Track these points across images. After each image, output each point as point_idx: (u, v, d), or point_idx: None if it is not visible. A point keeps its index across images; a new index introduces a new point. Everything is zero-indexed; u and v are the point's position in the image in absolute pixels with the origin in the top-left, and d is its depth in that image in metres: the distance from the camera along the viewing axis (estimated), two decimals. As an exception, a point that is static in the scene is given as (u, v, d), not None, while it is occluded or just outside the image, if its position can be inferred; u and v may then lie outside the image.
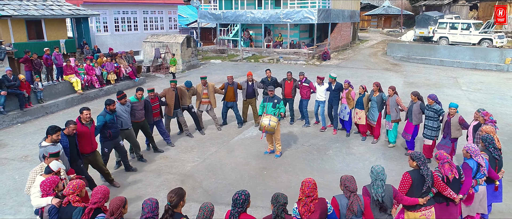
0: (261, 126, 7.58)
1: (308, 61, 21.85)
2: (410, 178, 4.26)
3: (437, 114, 7.24)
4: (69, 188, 3.94)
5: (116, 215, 3.45)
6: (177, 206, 3.54)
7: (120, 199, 3.54)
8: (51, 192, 4.12)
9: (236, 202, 3.52)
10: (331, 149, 8.48)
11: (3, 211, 6.02)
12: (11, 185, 6.90)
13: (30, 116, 11.07)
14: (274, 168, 7.52)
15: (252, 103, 9.95)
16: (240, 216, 3.52)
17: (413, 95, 7.65)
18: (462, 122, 6.81)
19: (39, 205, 4.14)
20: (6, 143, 9.11)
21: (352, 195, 3.82)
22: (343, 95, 8.99)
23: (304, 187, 3.74)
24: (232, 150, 8.52)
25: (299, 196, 3.80)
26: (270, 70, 10.02)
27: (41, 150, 5.12)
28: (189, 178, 7.16)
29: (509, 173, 7.19)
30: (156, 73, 18.31)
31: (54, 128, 5.24)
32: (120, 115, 7.09)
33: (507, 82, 15.86)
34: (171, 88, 8.67)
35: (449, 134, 6.97)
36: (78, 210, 3.79)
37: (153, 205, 3.47)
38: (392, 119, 8.12)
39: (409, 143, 7.99)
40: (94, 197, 3.71)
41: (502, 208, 5.94)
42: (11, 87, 10.54)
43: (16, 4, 17.39)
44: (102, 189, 3.79)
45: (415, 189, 4.26)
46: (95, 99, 13.34)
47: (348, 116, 8.99)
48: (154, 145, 8.33)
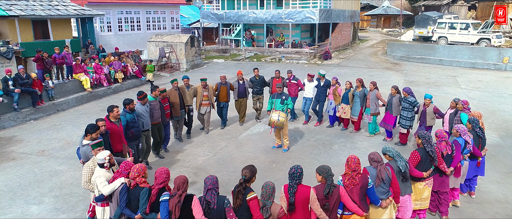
0: (270, 121, 7.92)
1: (309, 61, 22.19)
2: (418, 155, 4.98)
3: (411, 105, 8.07)
4: (134, 171, 4.15)
5: (182, 189, 3.89)
6: (249, 181, 4.05)
7: (183, 177, 3.99)
8: (125, 173, 4.33)
9: (293, 175, 4.02)
10: (336, 144, 8.82)
11: (27, 201, 6.34)
12: (32, 178, 7.22)
13: (42, 113, 11.38)
14: (283, 162, 7.85)
15: (243, 102, 9.98)
16: (298, 186, 4.04)
17: (394, 89, 8.41)
18: (437, 111, 7.63)
19: (114, 188, 4.26)
20: (22, 139, 9.42)
21: (379, 165, 4.47)
22: (330, 91, 9.59)
23: (350, 163, 4.30)
24: (241, 145, 8.85)
25: (345, 170, 4.39)
26: (258, 69, 10.32)
27: (84, 149, 5.18)
28: (201, 170, 7.49)
29: (508, 166, 7.57)
30: (161, 72, 18.62)
31: (94, 126, 5.32)
32: (141, 115, 6.98)
33: (505, 80, 16.24)
34: (174, 88, 8.52)
35: (424, 122, 7.73)
36: (144, 190, 4.09)
37: (214, 179, 3.97)
38: (371, 112, 8.88)
39: (388, 132, 8.88)
40: (159, 178, 4.04)
41: (499, 196, 6.30)
42: (24, 85, 10.85)
43: (23, 4, 17.67)
44: (165, 170, 4.11)
45: (422, 164, 4.99)
46: (103, 97, 13.65)
47: (332, 111, 9.65)
48: (158, 150, 8.16)
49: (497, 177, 7.02)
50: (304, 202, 4.01)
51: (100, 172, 4.54)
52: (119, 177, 4.33)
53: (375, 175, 4.43)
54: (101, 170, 4.57)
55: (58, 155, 8.38)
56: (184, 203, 3.86)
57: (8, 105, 10.58)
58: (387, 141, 8.94)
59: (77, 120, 11.04)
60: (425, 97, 7.77)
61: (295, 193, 3.98)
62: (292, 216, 4.03)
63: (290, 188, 4.01)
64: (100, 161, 4.57)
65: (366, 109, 8.99)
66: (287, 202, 4.01)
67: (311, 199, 4.00)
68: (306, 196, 4.00)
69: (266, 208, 3.90)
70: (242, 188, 3.98)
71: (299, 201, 3.99)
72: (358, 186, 4.24)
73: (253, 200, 3.93)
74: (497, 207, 5.99)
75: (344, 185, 4.28)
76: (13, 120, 10.49)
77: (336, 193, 4.12)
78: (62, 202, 6.29)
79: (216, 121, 10.44)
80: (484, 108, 11.41)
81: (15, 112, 10.64)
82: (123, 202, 4.14)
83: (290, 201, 3.99)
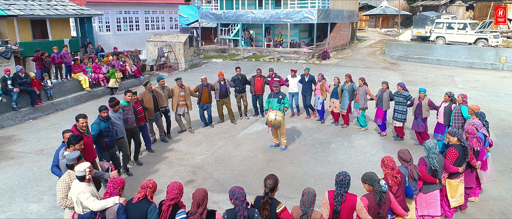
0: (267, 120, 7.97)
1: (308, 60, 22.26)
2: (456, 152, 5.15)
3: (406, 99, 8.42)
4: (147, 184, 3.84)
5: (202, 206, 3.54)
6: (273, 190, 3.86)
7: (203, 190, 3.62)
8: (116, 192, 3.93)
9: (342, 183, 3.87)
10: (333, 143, 8.89)
11: (26, 199, 6.39)
12: (31, 176, 7.27)
13: (41, 113, 11.42)
14: (280, 160, 7.92)
15: (226, 102, 9.99)
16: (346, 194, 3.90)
17: (384, 84, 8.79)
18: (431, 103, 8.03)
19: (105, 206, 3.85)
20: (21, 138, 9.46)
21: (409, 164, 4.60)
22: (317, 86, 9.97)
23: (387, 162, 4.35)
24: (239, 144, 8.91)
25: (383, 172, 4.39)
26: (240, 68, 10.49)
27: (63, 160, 4.80)
28: (200, 169, 7.55)
29: (503, 164, 7.64)
30: (160, 71, 18.67)
31: (76, 137, 4.95)
32: (115, 123, 6.67)
33: (502, 80, 16.33)
34: (147, 91, 8.31)
35: (420, 114, 8.11)
36: (152, 207, 3.71)
37: (243, 191, 3.65)
38: (360, 106, 9.27)
39: (381, 126, 9.16)
40: (171, 194, 3.64)
41: (494, 194, 6.37)
42: (23, 84, 10.89)
43: (21, 4, 17.69)
44: (177, 185, 3.72)
45: (459, 160, 5.17)
46: (102, 97, 13.69)
47: (321, 106, 10.03)
48: (136, 156, 7.82)
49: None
50: (349, 211, 3.87)
51: (81, 187, 4.09)
52: (109, 197, 3.91)
53: (407, 173, 4.56)
54: (82, 184, 4.13)
55: (57, 154, 8.41)
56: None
57: (7, 105, 10.62)
58: (382, 135, 9.22)
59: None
60: (420, 91, 8.18)
61: (342, 202, 3.84)
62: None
63: (337, 196, 3.86)
64: (80, 173, 4.13)
65: (355, 104, 9.36)
66: (331, 210, 3.88)
67: (358, 207, 3.87)
68: (352, 204, 3.86)
69: (307, 216, 3.67)
70: (268, 198, 3.78)
71: (344, 209, 3.85)
72: (402, 185, 4.33)
73: (284, 212, 3.77)
74: (492, 204, 6.06)
75: (389, 187, 4.25)
76: (12, 120, 10.52)
77: (388, 200, 4.02)
78: (61, 200, 6.32)
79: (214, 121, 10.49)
80: (481, 107, 11.29)
81: (14, 111, 10.68)
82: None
83: (336, 210, 3.85)
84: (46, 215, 5.90)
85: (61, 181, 4.41)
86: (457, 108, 7.24)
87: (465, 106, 7.15)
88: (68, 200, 4.38)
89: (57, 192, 4.39)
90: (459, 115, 7.16)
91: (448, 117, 7.49)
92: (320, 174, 7.27)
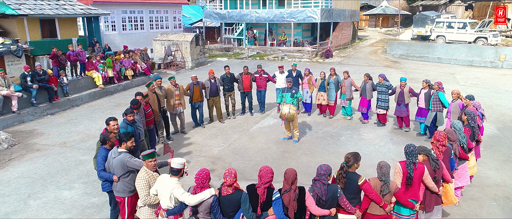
0: (281, 114, 8.39)
1: (311, 59, 22.69)
2: (469, 130, 5.87)
3: (388, 88, 9.28)
4: (231, 176, 4.02)
5: (295, 184, 4.04)
6: (351, 167, 4.37)
7: (293, 171, 4.07)
8: (207, 184, 4.06)
9: (412, 153, 4.48)
10: (343, 136, 9.30)
11: (59, 187, 6.77)
12: (59, 166, 7.65)
13: (58, 109, 11.79)
14: (294, 151, 8.33)
15: (216, 101, 10.01)
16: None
17: (366, 76, 9.59)
18: (411, 90, 8.96)
19: (203, 199, 3.96)
20: (42, 132, 9.84)
21: (454, 143, 5.31)
22: (304, 81, 10.59)
23: (438, 137, 5.00)
24: (253, 137, 9.32)
25: (432, 146, 5.10)
26: (229, 67, 10.59)
27: (120, 157, 4.71)
28: (218, 160, 7.95)
29: (505, 154, 8.09)
30: (167, 69, 19.04)
31: (128, 134, 4.85)
32: (138, 126, 6.46)
33: (501, 77, 16.80)
34: (150, 91, 8.19)
35: (403, 101, 9.03)
36: (245, 195, 4.04)
37: (329, 168, 4.22)
38: (346, 97, 10.14)
39: (365, 115, 10.05)
40: (265, 177, 4.03)
41: (498, 181, 6.81)
42: (41, 81, 11.25)
43: (31, 3, 18.02)
44: (269, 169, 4.09)
45: (471, 137, 6.00)
46: (115, 94, 14.07)
47: (310, 99, 10.73)
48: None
49: (495, 165, 7.54)
50: (419, 177, 4.50)
51: (172, 182, 4.11)
52: (201, 191, 4.02)
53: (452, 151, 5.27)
54: (173, 180, 4.14)
55: (80, 146, 8.81)
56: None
57: (26, 101, 10.97)
58: (364, 122, 10.08)
59: (92, 115, 11.46)
60: (401, 80, 9.13)
61: (414, 170, 4.44)
62: (408, 189, 4.48)
63: (410, 165, 4.45)
64: (178, 166, 4.18)
65: (342, 95, 10.23)
66: (404, 177, 4.46)
67: (425, 174, 4.52)
68: (421, 171, 4.49)
69: (387, 185, 4.28)
70: (343, 172, 4.36)
71: (415, 176, 4.47)
72: (446, 157, 5.04)
73: (365, 183, 4.28)
74: (496, 189, 6.50)
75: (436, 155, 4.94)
76: (32, 115, 10.89)
77: (441, 166, 4.76)
78: (91, 187, 6.72)
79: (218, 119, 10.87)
80: (482, 103, 11.74)
81: (33, 107, 11.04)
82: (219, 214, 4.05)
83: (410, 176, 4.42)
84: (80, 201, 6.28)
85: (140, 178, 4.34)
86: (435, 94, 8.21)
87: (441, 92, 8.18)
88: (151, 198, 4.33)
89: (138, 191, 4.35)
90: (437, 100, 8.17)
91: (428, 101, 8.46)
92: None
